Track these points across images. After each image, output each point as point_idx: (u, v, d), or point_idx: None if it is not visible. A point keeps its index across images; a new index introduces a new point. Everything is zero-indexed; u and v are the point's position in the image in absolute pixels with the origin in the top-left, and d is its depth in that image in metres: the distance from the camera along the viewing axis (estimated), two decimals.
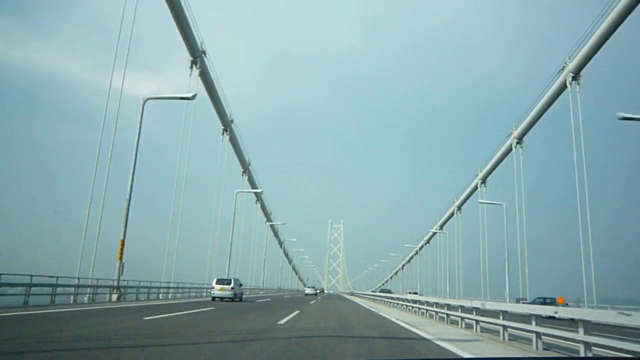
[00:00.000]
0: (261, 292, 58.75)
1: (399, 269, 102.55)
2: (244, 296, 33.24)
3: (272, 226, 66.71)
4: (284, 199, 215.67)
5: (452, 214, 62.40)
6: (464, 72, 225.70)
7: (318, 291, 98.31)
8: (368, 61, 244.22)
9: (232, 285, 27.44)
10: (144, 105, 21.19)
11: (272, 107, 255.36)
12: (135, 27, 25.73)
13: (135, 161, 21.46)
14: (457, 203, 61.75)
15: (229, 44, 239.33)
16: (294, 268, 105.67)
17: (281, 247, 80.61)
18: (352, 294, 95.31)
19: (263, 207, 63.09)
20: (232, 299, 27.18)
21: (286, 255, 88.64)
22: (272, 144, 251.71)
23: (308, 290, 64.54)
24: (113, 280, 21.10)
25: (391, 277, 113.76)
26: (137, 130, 21.54)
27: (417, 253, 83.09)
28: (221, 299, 27.07)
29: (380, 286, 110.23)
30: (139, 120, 21.50)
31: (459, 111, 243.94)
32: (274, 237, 74.24)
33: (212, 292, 27.31)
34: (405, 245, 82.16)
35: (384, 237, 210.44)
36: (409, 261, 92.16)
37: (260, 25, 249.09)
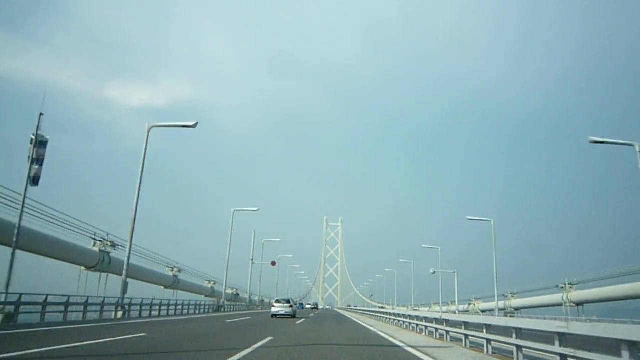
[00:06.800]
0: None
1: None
2: None
3: None
4: (280, 204, 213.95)
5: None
6: (467, 80, 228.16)
7: (311, 306, 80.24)
8: (368, 70, 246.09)
9: None
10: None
11: (272, 116, 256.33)
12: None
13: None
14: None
15: (230, 54, 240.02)
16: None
17: None
18: (357, 311, 62.76)
19: None
20: None
21: None
22: (272, 151, 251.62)
23: (277, 309, 31.82)
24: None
25: None
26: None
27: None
28: None
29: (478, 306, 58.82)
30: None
31: (461, 118, 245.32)
32: None
33: None
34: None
35: (387, 245, 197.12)
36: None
37: (261, 34, 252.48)
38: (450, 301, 64.42)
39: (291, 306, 32.73)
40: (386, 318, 30.91)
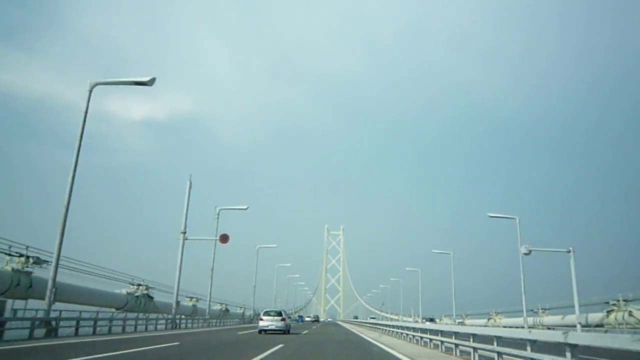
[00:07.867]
0: None
1: None
2: None
3: None
4: (279, 212, 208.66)
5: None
6: (469, 89, 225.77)
7: (311, 318, 75.96)
8: (370, 79, 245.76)
9: None
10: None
11: (273, 126, 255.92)
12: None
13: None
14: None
15: (230, 65, 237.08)
16: None
17: None
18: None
19: None
20: None
21: None
22: (272, 159, 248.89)
23: (265, 323, 26.01)
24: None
25: None
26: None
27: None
28: None
29: None
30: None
31: (463, 126, 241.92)
32: None
33: None
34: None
35: (390, 254, 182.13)
36: None
37: (261, 45, 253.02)
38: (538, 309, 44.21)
39: (283, 319, 26.45)
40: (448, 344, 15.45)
